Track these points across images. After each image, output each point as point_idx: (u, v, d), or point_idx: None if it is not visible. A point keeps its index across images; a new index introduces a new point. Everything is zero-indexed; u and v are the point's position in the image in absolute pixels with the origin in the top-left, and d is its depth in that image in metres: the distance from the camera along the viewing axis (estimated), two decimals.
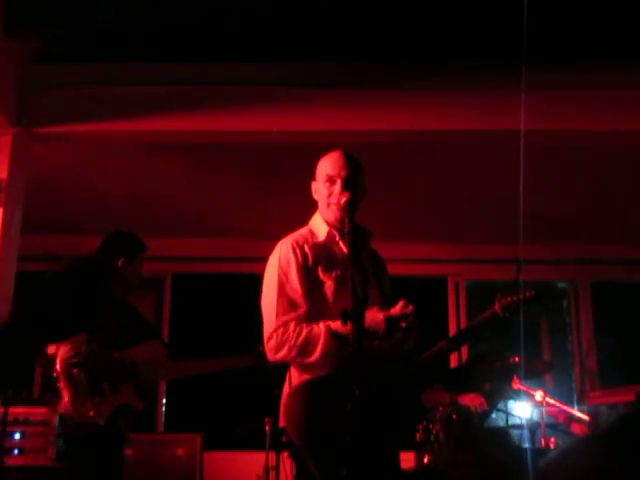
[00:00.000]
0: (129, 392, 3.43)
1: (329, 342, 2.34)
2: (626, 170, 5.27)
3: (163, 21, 4.14)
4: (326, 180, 2.58)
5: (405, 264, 6.31)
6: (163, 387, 6.62)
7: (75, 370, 3.29)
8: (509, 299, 2.47)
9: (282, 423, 2.44)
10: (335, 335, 2.33)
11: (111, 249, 3.62)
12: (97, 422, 3.29)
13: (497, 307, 2.47)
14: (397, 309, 2.35)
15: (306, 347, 2.36)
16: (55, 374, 3.33)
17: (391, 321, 2.33)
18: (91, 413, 3.27)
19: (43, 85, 4.53)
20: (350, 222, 2.45)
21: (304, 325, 2.39)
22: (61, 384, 3.31)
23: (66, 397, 3.28)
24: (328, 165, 2.61)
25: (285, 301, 2.44)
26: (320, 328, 2.37)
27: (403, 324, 2.33)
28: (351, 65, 4.50)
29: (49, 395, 3.64)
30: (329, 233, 2.59)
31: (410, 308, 2.34)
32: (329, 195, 2.57)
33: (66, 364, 3.29)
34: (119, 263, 3.55)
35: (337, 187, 2.55)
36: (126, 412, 3.42)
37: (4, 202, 4.30)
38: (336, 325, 2.33)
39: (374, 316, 2.30)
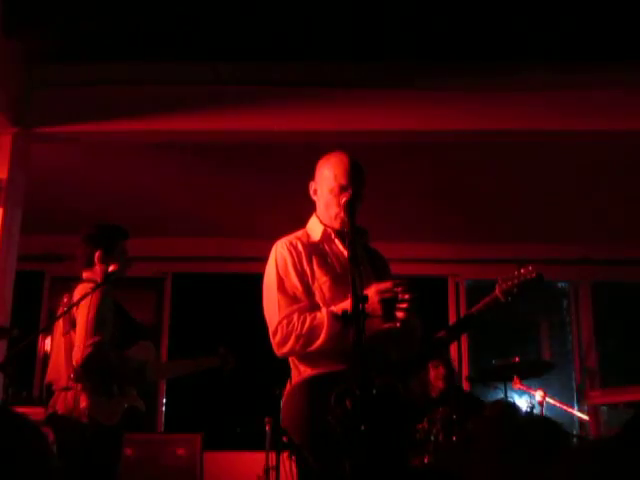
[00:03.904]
0: (133, 393, 3.43)
1: (333, 325, 2.34)
2: (626, 170, 5.28)
3: (163, 21, 4.14)
4: (335, 188, 2.53)
5: (405, 264, 6.31)
6: (163, 387, 6.63)
7: (91, 372, 3.24)
8: (510, 283, 2.41)
9: (282, 423, 2.44)
10: (338, 317, 2.33)
11: (88, 243, 3.48)
12: (107, 423, 3.26)
13: (498, 292, 2.42)
14: (386, 283, 2.37)
15: (312, 334, 2.37)
16: (73, 376, 3.23)
17: (382, 293, 2.33)
18: (105, 414, 3.24)
19: (43, 85, 4.53)
20: (351, 221, 2.44)
21: (307, 314, 2.40)
22: (78, 387, 3.24)
23: (84, 401, 3.24)
24: (337, 170, 2.55)
25: (286, 296, 2.46)
26: (322, 313, 2.39)
27: (403, 305, 2.33)
28: (351, 65, 4.50)
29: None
30: (324, 231, 2.59)
31: (394, 283, 2.35)
32: (338, 204, 2.52)
33: (85, 366, 3.22)
34: (97, 255, 3.42)
35: (344, 196, 2.50)
36: (130, 413, 3.41)
37: (4, 202, 4.30)
38: (338, 308, 2.35)
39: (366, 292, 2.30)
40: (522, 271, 2.41)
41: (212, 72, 4.48)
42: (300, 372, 2.45)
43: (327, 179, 2.58)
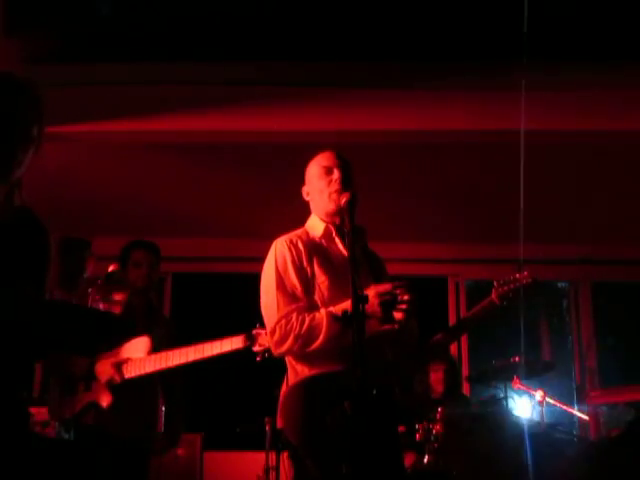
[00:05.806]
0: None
1: (332, 326, 2.34)
2: (626, 170, 5.27)
3: (163, 21, 4.15)
4: (323, 173, 2.61)
5: (405, 264, 6.31)
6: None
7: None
8: (506, 287, 2.44)
9: (279, 424, 2.44)
10: (337, 318, 2.33)
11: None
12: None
13: (494, 296, 2.45)
14: (386, 285, 2.38)
15: (310, 334, 2.36)
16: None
17: (382, 296, 2.34)
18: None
19: (43, 85, 4.52)
20: (351, 222, 2.44)
21: (306, 314, 2.39)
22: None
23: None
24: (322, 159, 2.66)
25: (285, 295, 2.45)
26: (321, 314, 2.38)
27: (403, 307, 2.33)
28: (351, 65, 4.49)
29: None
30: (326, 229, 2.60)
31: (394, 285, 2.36)
32: (329, 183, 2.58)
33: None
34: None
35: (335, 174, 2.58)
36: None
37: None
38: (337, 309, 2.35)
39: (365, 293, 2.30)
40: (518, 276, 2.44)
41: (213, 72, 4.49)
42: (297, 373, 2.45)
43: (315, 171, 2.66)
